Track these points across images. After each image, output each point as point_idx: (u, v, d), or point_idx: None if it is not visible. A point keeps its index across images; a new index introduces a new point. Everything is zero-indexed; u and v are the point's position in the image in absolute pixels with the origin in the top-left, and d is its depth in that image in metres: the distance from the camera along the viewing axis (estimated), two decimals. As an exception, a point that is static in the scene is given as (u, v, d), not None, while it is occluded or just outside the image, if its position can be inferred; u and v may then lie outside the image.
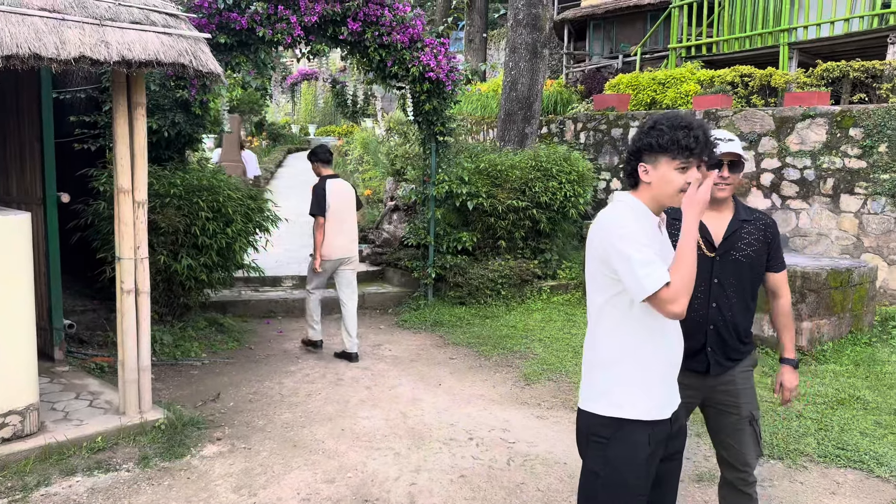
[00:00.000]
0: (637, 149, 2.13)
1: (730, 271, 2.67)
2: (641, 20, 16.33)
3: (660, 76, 10.95)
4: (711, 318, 2.67)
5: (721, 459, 2.82)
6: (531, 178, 8.14)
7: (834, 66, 9.09)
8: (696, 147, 2.02)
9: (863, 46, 10.45)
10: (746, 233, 2.70)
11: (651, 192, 2.12)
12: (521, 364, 5.90)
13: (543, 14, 9.45)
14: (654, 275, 1.95)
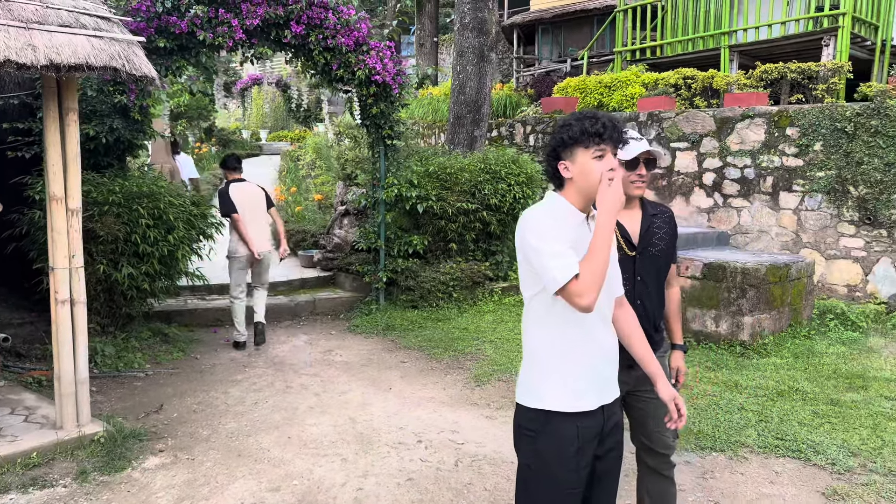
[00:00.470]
0: (553, 148, 2.19)
1: (649, 267, 2.74)
2: (588, 24, 16.58)
3: (606, 79, 11.13)
4: (637, 314, 2.66)
5: (643, 448, 2.88)
6: (481, 180, 8.18)
7: (772, 68, 9.38)
8: (605, 132, 2.09)
9: (799, 48, 10.80)
10: (657, 227, 2.78)
11: (575, 186, 2.15)
12: (471, 365, 5.91)
13: (489, 18, 9.52)
14: (563, 267, 1.99)
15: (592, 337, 2.19)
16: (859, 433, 4.45)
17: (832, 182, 7.63)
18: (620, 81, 10.91)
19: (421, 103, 14.45)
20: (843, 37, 9.84)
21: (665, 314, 2.94)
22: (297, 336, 6.96)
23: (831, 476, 3.91)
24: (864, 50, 10.63)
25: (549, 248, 2.02)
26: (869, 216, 7.38)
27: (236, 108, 24.85)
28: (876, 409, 4.85)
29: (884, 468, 3.97)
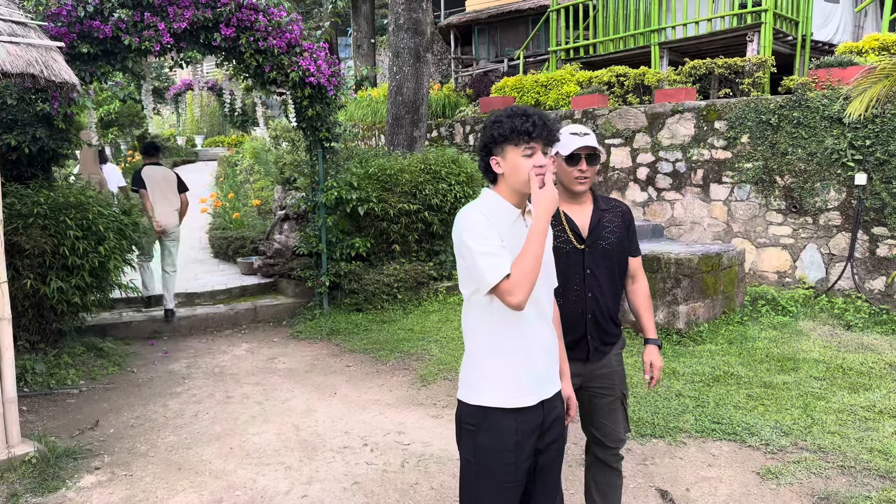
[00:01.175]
0: (485, 144, 2.21)
1: (600, 260, 2.75)
2: (523, 24, 16.78)
3: (542, 78, 11.28)
4: (589, 307, 2.75)
5: (593, 440, 2.91)
6: (421, 181, 8.19)
7: (700, 64, 9.66)
8: (535, 130, 2.12)
9: (726, 44, 11.15)
10: (608, 221, 2.79)
11: (507, 182, 2.19)
12: (417, 366, 5.91)
13: (424, 19, 9.54)
14: (494, 266, 2.03)
15: (530, 333, 2.21)
16: (791, 413, 4.63)
17: (759, 173, 7.91)
18: (556, 80, 11.07)
19: (360, 105, 14.37)
20: (765, 32, 10.21)
21: (634, 309, 2.96)
22: (237, 345, 6.83)
23: (765, 456, 4.05)
24: (786, 45, 11.06)
25: (480, 248, 2.05)
26: (795, 205, 7.69)
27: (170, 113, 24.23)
28: (806, 390, 5.05)
29: (814, 445, 4.14)
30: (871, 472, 3.80)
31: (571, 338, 2.71)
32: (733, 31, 10.75)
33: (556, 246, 2.67)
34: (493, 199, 2.22)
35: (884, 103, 6.80)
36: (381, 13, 23.47)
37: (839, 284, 7.40)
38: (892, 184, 6.95)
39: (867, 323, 6.73)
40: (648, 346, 2.93)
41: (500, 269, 2.02)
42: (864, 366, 5.53)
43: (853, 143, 7.16)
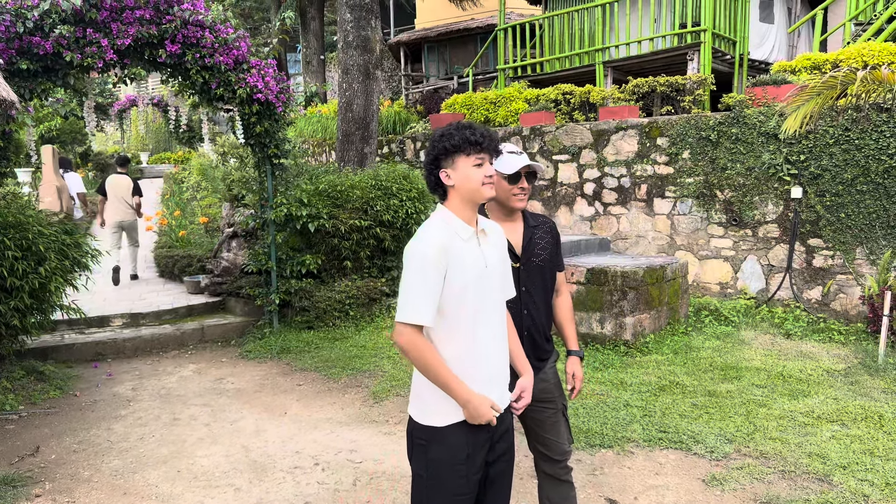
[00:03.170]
0: (434, 158, 2.27)
1: (533, 277, 2.78)
2: (472, 43, 17.01)
3: (491, 96, 11.44)
4: (525, 324, 2.76)
5: (540, 456, 2.91)
6: (373, 197, 8.19)
7: (643, 82, 9.94)
8: (485, 141, 2.21)
9: (668, 63, 11.51)
10: (539, 237, 2.83)
11: (458, 194, 2.24)
12: (370, 383, 5.89)
13: (373, 36, 9.59)
14: (413, 307, 2.11)
15: (479, 349, 2.24)
16: (734, 421, 4.77)
17: (700, 187, 8.17)
18: (504, 97, 11.24)
19: (310, 121, 14.30)
20: (705, 52, 10.58)
21: (558, 321, 2.98)
22: (184, 366, 6.69)
23: (710, 463, 4.16)
24: (725, 63, 11.47)
25: (414, 282, 2.13)
26: (735, 218, 7.95)
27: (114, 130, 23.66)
28: (748, 398, 5.21)
29: (756, 451, 4.27)
30: (810, 475, 3.94)
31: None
32: (674, 51, 11.11)
33: None
34: (448, 220, 2.25)
35: (816, 120, 7.11)
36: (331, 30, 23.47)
37: (779, 294, 7.67)
38: (826, 197, 7.26)
39: (805, 331, 6.99)
40: (571, 357, 2.97)
41: (415, 314, 2.10)
42: (803, 373, 5.73)
43: (789, 158, 7.46)
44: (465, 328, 2.20)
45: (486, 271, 2.26)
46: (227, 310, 8.35)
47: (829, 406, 4.98)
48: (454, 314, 2.18)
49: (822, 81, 5.94)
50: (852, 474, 3.91)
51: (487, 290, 2.26)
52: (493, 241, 2.40)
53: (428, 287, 2.12)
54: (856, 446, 4.28)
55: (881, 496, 3.65)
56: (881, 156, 6.86)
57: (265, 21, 23.91)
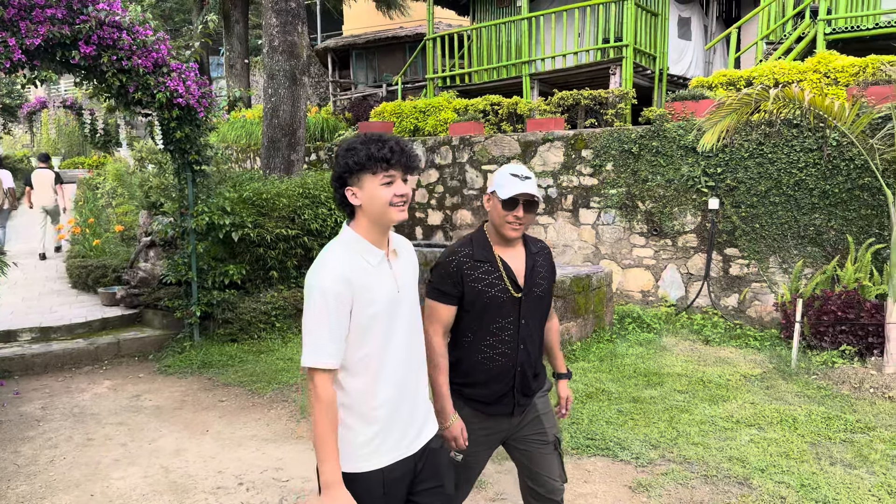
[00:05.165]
0: (339, 175, 2.06)
1: (533, 308, 2.59)
2: (401, 51, 17.01)
3: (420, 105, 11.44)
4: (520, 360, 2.57)
5: (528, 492, 2.73)
6: (300, 205, 8.03)
7: (568, 95, 10.15)
8: (393, 157, 2.00)
9: (592, 77, 11.80)
10: (540, 266, 2.64)
11: (365, 215, 2.05)
12: (297, 397, 5.73)
13: (300, 42, 9.43)
14: (316, 349, 1.95)
15: (388, 381, 2.08)
16: (658, 427, 4.88)
17: (623, 198, 8.38)
18: (434, 107, 11.26)
19: (233, 126, 13.95)
20: (626, 66, 10.91)
21: (548, 344, 2.84)
22: (98, 383, 6.35)
23: (636, 469, 4.24)
24: (646, 78, 11.85)
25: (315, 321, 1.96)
26: (656, 228, 8.19)
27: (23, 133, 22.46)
28: (671, 403, 5.35)
29: (679, 457, 4.38)
30: (730, 479, 4.06)
31: (495, 391, 2.56)
32: (598, 65, 11.40)
33: (492, 295, 2.51)
34: (354, 242, 2.07)
35: (732, 134, 7.41)
36: (256, 34, 23.00)
37: (697, 302, 7.94)
38: (741, 208, 7.57)
39: (723, 337, 7.25)
40: (562, 381, 2.86)
41: (317, 357, 1.95)
42: (722, 378, 5.93)
43: (706, 171, 7.75)
44: (373, 360, 2.04)
45: (399, 296, 2.10)
46: (144, 323, 7.99)
47: (747, 410, 5.16)
48: (360, 346, 2.02)
49: (738, 98, 6.19)
50: (770, 477, 4.05)
51: (399, 316, 2.10)
52: (406, 261, 2.23)
53: (331, 325, 1.95)
54: (772, 449, 4.45)
55: (797, 497, 3.79)
56: (792, 169, 7.21)
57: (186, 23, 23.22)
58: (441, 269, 2.56)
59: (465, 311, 2.54)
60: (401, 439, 2.11)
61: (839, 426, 4.82)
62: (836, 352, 6.24)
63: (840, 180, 6.96)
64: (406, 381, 2.14)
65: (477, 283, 2.51)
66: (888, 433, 4.65)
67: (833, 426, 4.82)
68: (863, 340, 6.17)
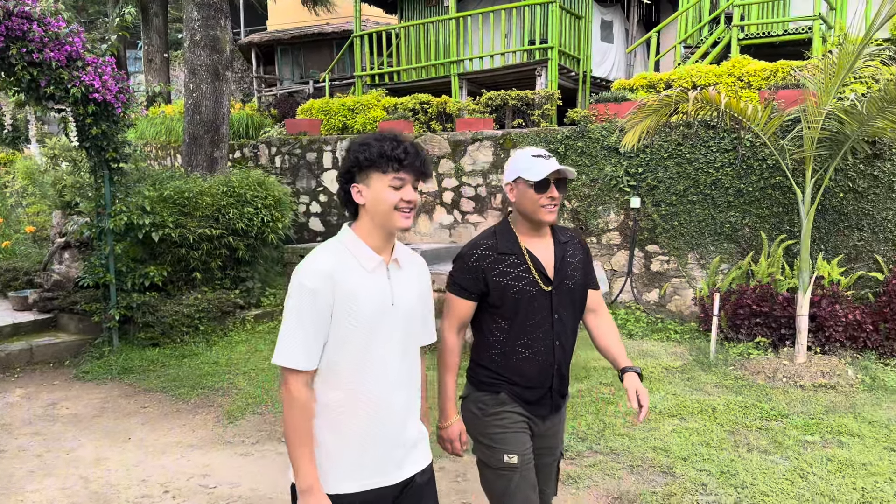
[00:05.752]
0: (347, 169, 1.95)
1: (566, 302, 2.43)
2: (328, 47, 16.80)
3: (349, 102, 11.33)
4: (557, 357, 2.42)
5: None
6: (224, 204, 7.82)
7: (496, 95, 10.26)
8: (407, 158, 1.88)
9: (519, 77, 11.96)
10: (570, 256, 2.47)
11: (368, 215, 1.93)
12: (223, 402, 5.59)
13: (223, 36, 9.19)
14: (290, 350, 1.86)
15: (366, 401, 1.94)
16: (585, 419, 5.00)
17: (551, 197, 8.54)
18: (363, 105, 11.17)
19: (153, 122, 13.46)
20: (552, 68, 11.12)
21: (603, 343, 2.59)
22: (10, 391, 6.02)
23: (565, 462, 4.33)
24: (570, 80, 12.11)
25: (293, 322, 1.86)
26: (582, 226, 8.39)
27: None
28: (597, 396, 5.49)
29: (606, 448, 4.50)
30: (655, 468, 4.20)
31: (535, 393, 2.42)
32: (524, 66, 11.58)
33: (519, 289, 2.34)
34: (351, 243, 1.94)
35: (652, 135, 7.65)
36: (176, 27, 22.26)
37: (621, 297, 8.18)
38: (661, 206, 7.84)
39: (646, 331, 7.49)
40: (628, 373, 2.49)
41: (286, 356, 1.85)
42: (645, 370, 6.14)
43: (628, 171, 7.99)
44: (349, 374, 1.91)
45: (392, 309, 1.95)
46: (59, 328, 7.62)
47: (670, 401, 5.35)
48: (339, 355, 1.90)
49: (658, 100, 6.40)
50: (692, 465, 4.22)
51: (390, 330, 1.95)
52: (411, 274, 2.07)
53: (304, 325, 1.84)
54: (694, 438, 4.63)
55: (717, 484, 3.96)
56: (709, 169, 7.52)
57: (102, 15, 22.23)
58: (461, 261, 2.42)
59: (494, 306, 2.39)
60: (378, 467, 1.97)
61: (755, 414, 5.06)
62: (751, 343, 6.55)
63: (753, 179, 7.30)
64: (391, 401, 1.98)
65: (502, 276, 2.36)
66: (800, 420, 4.92)
67: (750, 415, 5.06)
68: (776, 332, 6.50)
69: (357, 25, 13.41)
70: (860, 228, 6.86)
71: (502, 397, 2.40)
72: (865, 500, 3.72)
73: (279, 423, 5.06)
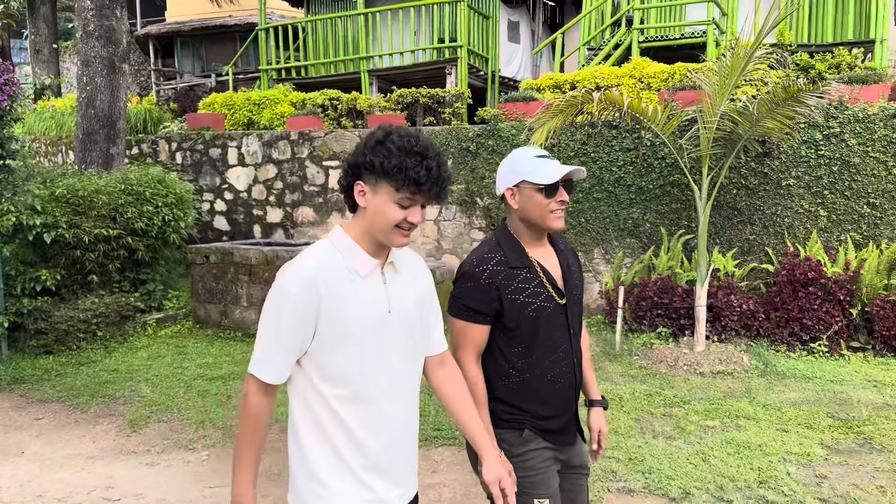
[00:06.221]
0: (356, 164, 1.74)
1: (576, 315, 2.24)
2: (231, 40, 16.31)
3: (255, 97, 11.03)
4: (577, 378, 2.24)
5: None
6: (122, 202, 7.44)
7: (407, 93, 10.25)
8: (426, 183, 1.68)
9: (429, 75, 12.00)
10: (572, 264, 2.29)
11: (366, 220, 1.75)
12: (125, 410, 5.33)
13: (119, 27, 8.74)
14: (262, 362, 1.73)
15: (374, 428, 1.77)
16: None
17: (463, 195, 8.63)
18: (269, 99, 10.90)
19: (41, 117, 12.66)
20: (462, 67, 11.21)
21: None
22: None
23: (482, 456, 4.38)
24: (480, 79, 12.26)
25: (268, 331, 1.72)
26: (493, 223, 8.52)
27: None
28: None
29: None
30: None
31: (558, 423, 2.19)
32: (434, 64, 11.62)
33: (538, 306, 2.12)
34: (343, 245, 1.76)
35: (559, 134, 7.87)
36: (66, 16, 21.00)
37: (532, 293, 8.35)
38: (568, 204, 8.07)
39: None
40: (595, 409, 2.39)
41: (257, 366, 1.73)
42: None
43: (537, 169, 8.16)
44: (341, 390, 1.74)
45: (389, 318, 1.77)
46: (-63, 337, 7.03)
47: (580, 392, 5.51)
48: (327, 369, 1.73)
49: (564, 100, 6.57)
50: (602, 453, 4.36)
51: (390, 341, 1.78)
52: (411, 277, 1.89)
53: (281, 336, 1.69)
54: (603, 427, 4.78)
55: (626, 470, 4.12)
56: (612, 167, 7.79)
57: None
58: (469, 281, 2.12)
59: (509, 329, 2.14)
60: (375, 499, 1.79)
61: (659, 402, 5.29)
62: (654, 334, 6.84)
63: (654, 177, 7.63)
64: (395, 423, 1.81)
65: (517, 294, 2.11)
66: (700, 406, 5.18)
67: (654, 402, 5.28)
68: (676, 322, 6.82)
69: (262, 18, 13.07)
70: (752, 223, 7.30)
71: (527, 435, 2.16)
72: (762, 478, 3.96)
73: (185, 431, 4.87)
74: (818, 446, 4.40)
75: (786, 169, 7.13)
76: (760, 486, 3.88)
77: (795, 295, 6.45)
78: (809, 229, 7.10)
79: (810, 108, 6.10)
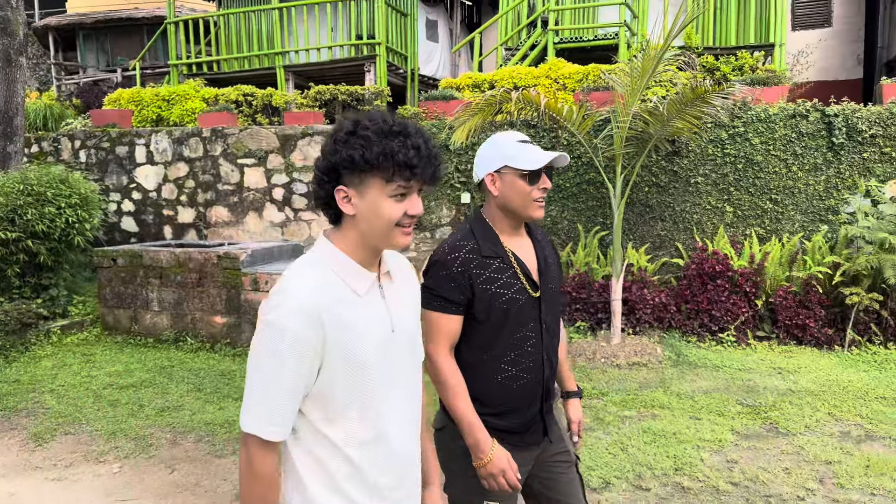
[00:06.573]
0: (332, 166, 1.47)
1: (551, 308, 2.16)
2: (138, 34, 15.66)
3: (164, 92, 10.61)
4: (546, 374, 2.13)
5: None
6: (21, 204, 7.01)
7: (325, 90, 10.10)
8: (420, 163, 1.45)
9: (348, 72, 11.86)
10: (550, 256, 2.21)
11: (359, 228, 1.50)
12: (28, 423, 5.02)
13: (15, 18, 8.22)
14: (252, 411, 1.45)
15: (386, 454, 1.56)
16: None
17: (383, 193, 8.58)
18: (179, 95, 10.51)
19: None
20: (380, 64, 11.15)
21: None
22: None
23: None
24: (399, 77, 12.22)
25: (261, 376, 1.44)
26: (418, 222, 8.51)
27: None
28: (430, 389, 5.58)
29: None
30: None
31: (522, 420, 2.09)
32: (352, 61, 11.51)
33: (509, 298, 2.03)
34: (335, 261, 1.51)
35: (479, 133, 7.91)
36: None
37: (454, 290, 8.40)
38: (489, 202, 8.15)
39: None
40: (572, 400, 2.36)
41: (255, 423, 1.45)
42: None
43: (458, 167, 8.22)
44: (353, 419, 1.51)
45: (394, 337, 1.56)
46: None
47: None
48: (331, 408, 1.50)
49: (484, 99, 6.63)
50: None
51: (394, 361, 1.56)
52: (403, 283, 1.67)
53: (281, 380, 1.42)
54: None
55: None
56: (531, 165, 7.92)
57: None
58: (441, 269, 2.03)
59: (477, 321, 2.05)
60: None
61: (579, 394, 5.41)
62: (573, 328, 7.01)
63: (571, 176, 7.81)
64: (404, 457, 1.61)
65: (489, 284, 2.02)
66: (618, 397, 5.34)
67: (574, 395, 5.40)
68: (594, 316, 7.00)
69: (170, 11, 12.57)
70: (663, 219, 7.58)
71: None
72: (677, 465, 4.12)
73: (95, 443, 4.63)
74: (729, 432, 4.61)
75: (694, 167, 7.44)
76: (676, 472, 4.03)
77: (704, 288, 6.75)
78: (717, 224, 7.44)
79: (717, 109, 6.38)
